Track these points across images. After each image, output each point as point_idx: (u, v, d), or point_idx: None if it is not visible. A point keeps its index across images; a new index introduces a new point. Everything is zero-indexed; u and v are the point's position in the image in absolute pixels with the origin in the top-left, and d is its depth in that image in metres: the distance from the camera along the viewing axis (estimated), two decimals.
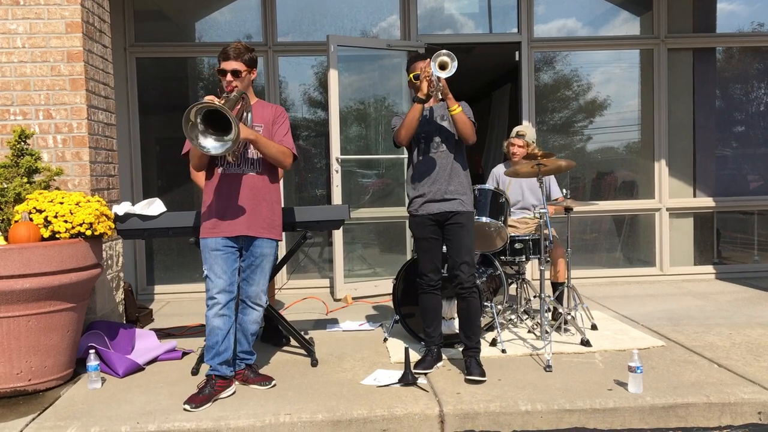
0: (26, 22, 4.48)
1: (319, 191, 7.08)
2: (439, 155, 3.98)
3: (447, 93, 3.80)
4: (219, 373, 3.65)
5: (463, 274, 3.91)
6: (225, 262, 3.64)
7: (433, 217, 3.97)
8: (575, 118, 7.32)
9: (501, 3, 7.03)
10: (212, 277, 3.62)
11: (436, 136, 4.00)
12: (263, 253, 3.75)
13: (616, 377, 3.77)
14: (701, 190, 7.22)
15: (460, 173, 4.00)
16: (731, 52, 7.38)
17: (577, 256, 6.75)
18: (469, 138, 3.89)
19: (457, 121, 3.84)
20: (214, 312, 3.63)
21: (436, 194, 3.94)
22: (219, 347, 3.64)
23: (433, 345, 4.08)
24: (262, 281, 3.79)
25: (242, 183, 3.66)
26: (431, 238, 4.00)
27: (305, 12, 6.86)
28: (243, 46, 3.67)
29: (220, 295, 3.63)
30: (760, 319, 5.12)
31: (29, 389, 3.71)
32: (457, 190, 3.95)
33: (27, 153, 4.19)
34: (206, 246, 3.64)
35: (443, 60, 3.68)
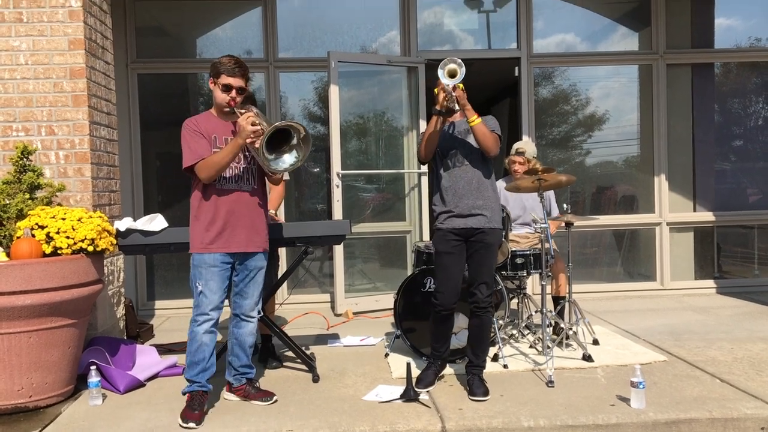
0: (29, 39, 4.51)
1: (319, 206, 7.09)
2: (465, 170, 3.90)
3: (465, 103, 3.74)
4: (206, 389, 3.65)
5: (480, 293, 3.86)
6: (221, 279, 3.63)
7: (457, 232, 3.88)
8: (575, 132, 7.35)
9: (500, 19, 7.08)
10: (207, 293, 3.60)
11: (461, 151, 3.92)
12: (257, 266, 3.76)
13: (619, 392, 3.76)
14: (701, 204, 7.23)
15: (488, 188, 3.91)
16: (729, 67, 7.42)
17: (577, 270, 6.75)
18: (491, 150, 3.82)
19: (477, 132, 3.77)
20: (204, 328, 3.61)
21: (463, 210, 3.86)
22: (206, 363, 3.63)
23: (438, 360, 4.06)
24: (256, 294, 3.79)
25: (240, 199, 3.66)
26: (453, 252, 3.87)
27: (306, 28, 6.90)
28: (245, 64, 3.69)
29: (214, 312, 3.62)
30: (762, 333, 5.12)
31: (30, 406, 3.70)
32: (484, 204, 3.87)
33: (29, 169, 4.21)
34: (203, 262, 3.61)
35: (451, 68, 3.67)
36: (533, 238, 5.30)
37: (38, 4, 4.50)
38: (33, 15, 4.50)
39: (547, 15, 7.07)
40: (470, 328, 3.98)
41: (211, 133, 3.61)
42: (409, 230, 6.92)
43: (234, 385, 3.85)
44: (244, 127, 3.45)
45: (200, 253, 3.62)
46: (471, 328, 3.97)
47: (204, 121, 3.66)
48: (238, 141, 3.48)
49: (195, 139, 3.58)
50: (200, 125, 3.62)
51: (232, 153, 3.51)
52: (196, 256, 3.64)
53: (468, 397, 3.79)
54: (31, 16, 4.50)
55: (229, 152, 3.51)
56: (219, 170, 3.54)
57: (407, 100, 6.85)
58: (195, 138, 3.58)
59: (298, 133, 3.48)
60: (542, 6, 7.03)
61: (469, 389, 3.82)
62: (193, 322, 3.63)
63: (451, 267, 3.90)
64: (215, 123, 3.67)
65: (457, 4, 7.07)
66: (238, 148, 3.51)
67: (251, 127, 3.45)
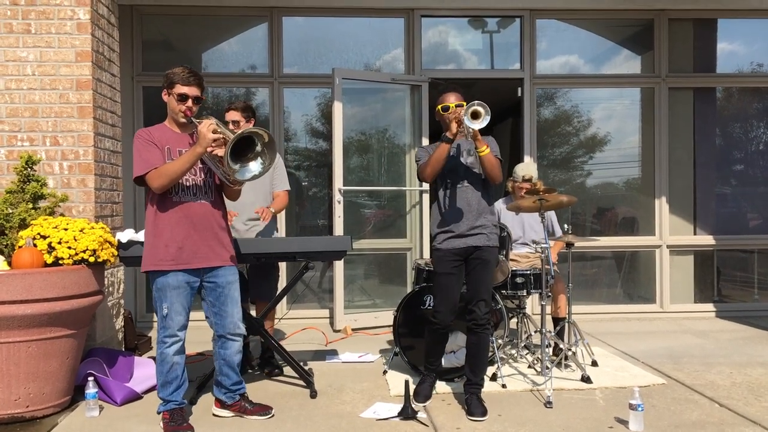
0: (37, 50, 4.54)
1: (320, 221, 7.10)
2: (465, 191, 3.94)
3: (477, 134, 3.75)
4: (183, 405, 3.64)
5: (479, 311, 3.86)
6: (185, 299, 3.56)
7: (456, 251, 3.90)
8: (576, 153, 7.38)
9: (504, 40, 7.14)
10: (173, 315, 3.52)
11: (463, 173, 3.96)
12: (228, 281, 3.66)
13: (617, 414, 3.75)
14: (701, 227, 7.24)
15: (486, 209, 3.96)
16: (731, 91, 7.47)
17: (577, 291, 6.74)
18: (497, 178, 3.87)
19: (485, 162, 3.81)
20: (174, 349, 3.56)
21: (463, 230, 3.89)
22: (180, 381, 3.61)
23: (433, 374, 4.09)
24: (235, 311, 3.69)
25: (201, 211, 3.57)
26: (452, 273, 3.90)
27: (311, 45, 6.95)
28: (200, 74, 3.67)
29: (181, 332, 3.58)
30: (761, 358, 5.11)
31: (27, 416, 3.69)
32: (483, 225, 3.91)
33: (33, 179, 4.23)
34: (167, 284, 3.50)
35: (476, 110, 3.65)
36: (534, 258, 5.30)
37: (47, 15, 4.54)
38: (41, 26, 4.54)
39: (550, 36, 7.13)
40: (468, 346, 3.98)
41: (165, 144, 3.53)
42: (410, 247, 6.92)
43: (227, 403, 3.80)
44: (204, 135, 3.36)
45: (163, 274, 3.51)
46: (469, 346, 3.97)
47: (157, 131, 3.58)
48: (197, 150, 3.39)
49: (147, 148, 3.49)
50: (153, 135, 3.54)
51: (189, 162, 3.41)
52: (159, 280, 3.52)
53: (466, 416, 3.78)
54: (39, 27, 4.54)
55: (186, 161, 3.41)
56: (173, 180, 3.42)
57: (410, 118, 6.89)
58: (147, 147, 3.49)
59: (261, 139, 3.35)
60: (546, 27, 7.09)
61: (467, 408, 3.81)
62: (161, 343, 3.55)
63: (450, 287, 3.92)
64: (169, 134, 3.59)
65: (462, 24, 7.13)
66: (196, 157, 3.41)
67: (212, 134, 3.37)
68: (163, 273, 3.51)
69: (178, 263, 3.50)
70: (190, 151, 3.43)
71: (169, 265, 3.50)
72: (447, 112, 3.89)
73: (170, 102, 3.60)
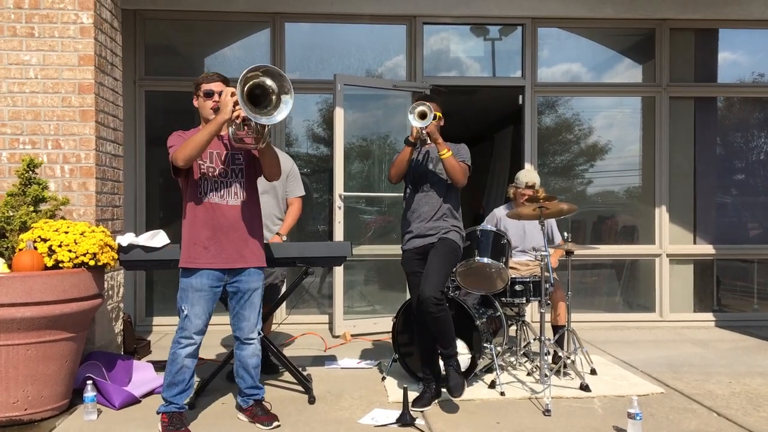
0: (40, 54, 4.56)
1: (320, 227, 7.11)
2: (429, 196, 4.12)
3: (436, 138, 3.94)
4: (183, 410, 3.66)
5: (424, 291, 3.85)
6: (207, 303, 3.61)
7: (418, 251, 4.10)
8: (577, 161, 7.39)
9: (505, 47, 7.16)
10: (192, 317, 3.57)
11: (428, 178, 4.15)
12: (251, 287, 3.72)
13: (615, 423, 3.75)
14: (701, 237, 7.25)
15: (448, 214, 4.11)
16: (732, 101, 7.48)
17: (576, 299, 6.74)
18: (459, 182, 4.03)
19: (446, 164, 3.98)
20: (187, 351, 3.59)
21: (422, 231, 4.09)
22: (185, 385, 3.62)
23: (432, 382, 4.11)
24: (253, 316, 3.75)
25: (229, 213, 3.64)
26: (417, 272, 4.07)
27: (313, 50, 6.97)
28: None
29: (198, 336, 3.61)
30: (760, 368, 5.10)
31: (25, 419, 3.69)
32: (439, 226, 4.07)
33: (34, 182, 4.23)
34: (190, 286, 3.58)
35: (421, 110, 3.88)
36: (533, 266, 5.31)
37: (50, 19, 4.56)
38: (44, 30, 4.56)
39: (552, 45, 7.15)
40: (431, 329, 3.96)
41: None
42: None
43: (242, 407, 3.83)
44: (224, 101, 3.43)
45: (188, 275, 3.59)
46: (432, 329, 3.95)
47: (191, 133, 3.67)
48: (218, 117, 3.44)
49: (178, 141, 3.60)
50: (186, 134, 3.66)
51: (210, 132, 3.45)
52: (183, 280, 3.62)
53: (450, 397, 3.92)
54: (42, 31, 4.56)
55: (207, 130, 3.46)
56: (196, 148, 3.45)
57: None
58: (179, 141, 3.60)
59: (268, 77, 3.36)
60: (547, 36, 7.11)
61: (447, 381, 3.94)
62: (176, 343, 3.59)
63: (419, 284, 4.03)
64: None
65: (464, 31, 7.16)
66: (218, 125, 3.44)
67: (231, 98, 3.41)
68: (189, 273, 3.60)
69: (204, 262, 3.58)
70: (212, 120, 3.49)
71: (198, 264, 3.58)
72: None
73: (200, 104, 3.73)
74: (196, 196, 3.63)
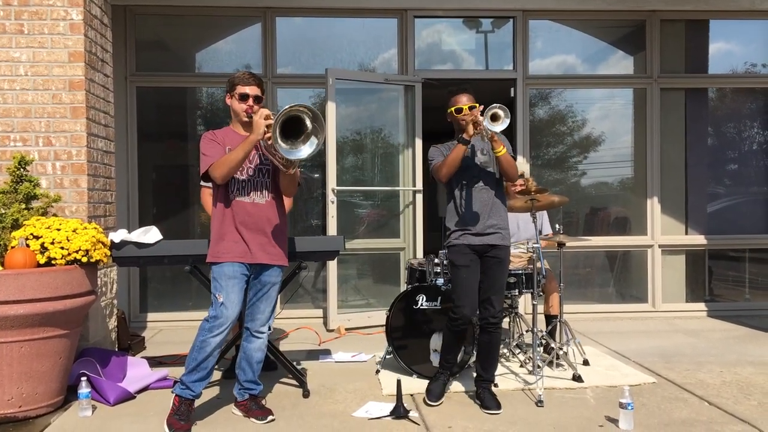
0: (30, 51, 4.55)
1: (314, 221, 7.11)
2: (481, 191, 3.99)
3: (494, 136, 3.79)
4: (196, 398, 3.63)
5: (493, 308, 3.90)
6: (240, 292, 3.63)
7: (473, 247, 3.96)
8: (569, 153, 7.41)
9: (497, 40, 7.16)
10: (228, 305, 3.56)
11: (478, 172, 4.01)
12: (272, 281, 3.77)
13: (608, 413, 3.78)
14: (693, 227, 7.28)
15: (501, 208, 4.02)
16: (723, 92, 7.51)
17: (569, 291, 6.78)
18: (513, 177, 3.98)
19: (503, 162, 3.87)
20: (218, 341, 3.54)
21: (479, 229, 3.94)
22: (207, 372, 3.60)
23: (448, 371, 4.09)
24: (268, 310, 3.80)
25: (255, 211, 3.67)
26: (470, 266, 3.93)
27: (305, 45, 6.97)
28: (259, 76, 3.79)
29: (230, 326, 3.59)
30: (751, 357, 5.15)
31: (19, 416, 3.70)
32: (498, 224, 3.97)
33: (26, 179, 4.23)
34: (222, 273, 3.60)
35: (496, 113, 3.71)
36: (526, 258, 5.33)
37: (40, 16, 4.55)
38: (34, 27, 4.55)
39: (543, 37, 7.16)
40: (480, 344, 4.02)
41: (227, 145, 3.64)
42: (403, 247, 6.94)
43: (238, 400, 3.84)
44: (258, 122, 3.47)
45: (220, 262, 3.62)
46: (481, 345, 4.00)
47: (221, 133, 3.72)
48: (251, 137, 3.48)
49: (210, 146, 3.63)
50: (217, 136, 3.68)
51: (244, 150, 3.51)
52: (215, 268, 3.64)
53: (481, 410, 3.85)
54: (32, 28, 4.54)
55: (242, 149, 3.51)
56: (231, 168, 3.53)
57: (404, 118, 6.91)
58: (210, 145, 3.63)
59: (306, 114, 3.41)
60: (539, 28, 7.12)
61: (482, 403, 3.90)
62: (207, 331, 3.54)
63: (470, 280, 3.94)
64: (233, 136, 3.70)
65: (456, 24, 7.15)
66: (251, 144, 3.50)
67: (264, 121, 3.46)
68: (220, 263, 3.62)
69: (234, 257, 3.61)
70: (246, 140, 3.53)
71: (225, 258, 3.61)
72: (460, 114, 3.92)
73: (233, 104, 3.73)
74: (226, 195, 3.66)
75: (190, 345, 3.61)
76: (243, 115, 3.69)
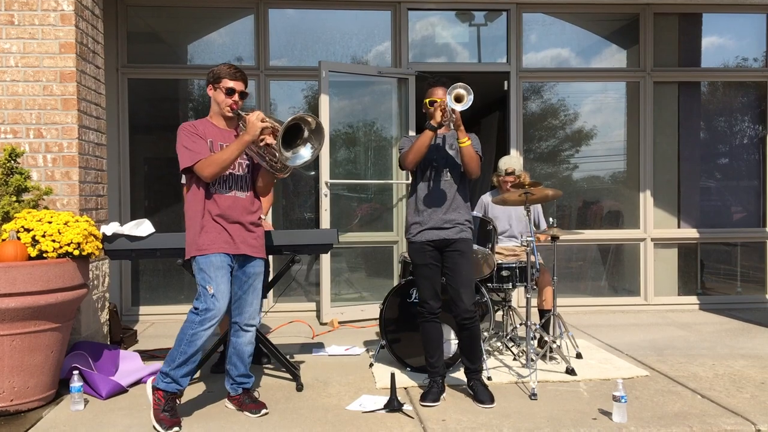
0: (20, 42, 4.50)
1: (307, 215, 7.09)
2: (444, 184, 3.99)
3: (459, 124, 3.80)
4: (181, 394, 3.59)
5: (463, 304, 3.88)
6: (228, 282, 3.60)
7: (432, 244, 3.96)
8: (562, 147, 7.41)
9: (491, 33, 7.14)
10: (219, 296, 3.51)
11: (444, 165, 4.01)
12: (256, 272, 3.76)
13: (601, 406, 3.79)
14: (685, 221, 7.31)
15: (461, 205, 4.01)
16: (716, 85, 7.52)
17: (562, 284, 6.79)
18: (474, 172, 3.92)
19: (465, 154, 3.86)
20: (209, 333, 3.51)
21: (436, 222, 3.95)
22: (194, 365, 3.56)
23: (438, 375, 4.01)
24: (255, 301, 3.79)
25: (237, 204, 3.65)
26: (431, 264, 3.97)
27: (298, 37, 6.93)
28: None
29: (220, 317, 3.55)
30: (743, 350, 5.17)
31: (11, 410, 3.67)
32: (456, 219, 3.97)
33: (17, 172, 4.19)
34: (210, 264, 3.54)
35: (459, 93, 3.70)
36: (519, 251, 5.33)
37: (30, 7, 4.50)
38: (24, 18, 4.50)
39: (537, 30, 7.15)
40: (461, 339, 4.01)
41: (207, 138, 3.61)
42: (396, 240, 6.94)
43: (231, 394, 3.83)
44: (253, 123, 3.47)
45: (206, 254, 3.56)
46: (462, 340, 4.00)
47: (201, 125, 3.66)
48: (245, 138, 3.49)
49: (192, 139, 3.57)
50: (197, 128, 3.62)
51: (237, 150, 3.51)
52: (201, 260, 3.56)
53: (474, 403, 3.85)
54: (22, 18, 4.50)
55: (235, 149, 3.51)
56: (223, 168, 3.52)
57: (397, 111, 6.89)
58: (192, 138, 3.57)
59: (308, 125, 3.48)
60: (532, 22, 7.11)
61: (474, 395, 3.90)
62: (197, 324, 3.48)
63: (432, 275, 3.98)
64: (212, 129, 3.67)
65: (449, 17, 7.13)
66: (244, 144, 3.51)
67: (261, 123, 3.47)
68: (207, 254, 3.57)
69: (218, 247, 3.58)
70: (238, 140, 3.53)
71: (210, 249, 3.57)
72: (433, 107, 3.89)
73: (216, 96, 3.68)
74: (207, 188, 3.61)
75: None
76: (227, 110, 3.65)
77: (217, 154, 3.53)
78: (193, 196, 3.63)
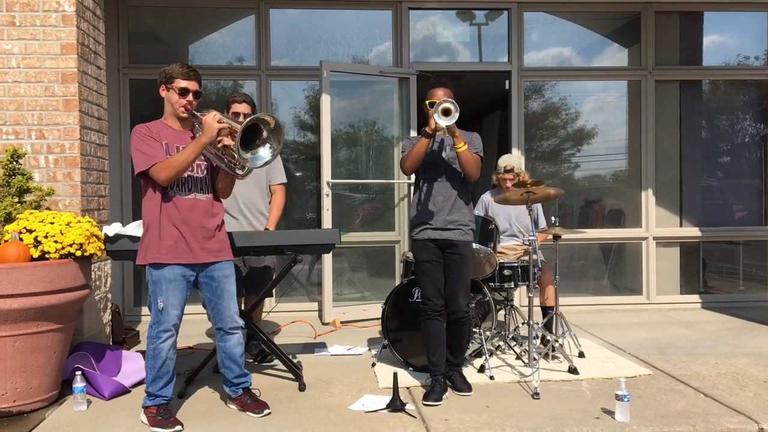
0: (21, 43, 4.50)
1: (309, 215, 7.09)
2: (444, 186, 4.04)
3: (454, 131, 3.82)
4: (169, 401, 3.62)
5: (459, 304, 4.00)
6: (181, 293, 3.55)
7: (434, 242, 4.03)
8: (564, 146, 7.41)
9: (492, 33, 7.14)
10: (169, 309, 3.50)
11: (444, 167, 4.06)
12: (224, 275, 3.67)
13: (604, 405, 3.78)
14: (687, 219, 7.30)
15: (462, 207, 4.06)
16: (717, 84, 7.51)
17: (564, 283, 6.77)
18: (472, 176, 3.98)
19: (462, 158, 3.91)
20: (169, 344, 3.54)
21: (438, 223, 4.02)
22: (170, 376, 3.60)
23: (440, 374, 4.01)
24: (232, 304, 3.70)
25: (197, 207, 3.57)
26: (433, 260, 4.03)
27: (299, 37, 6.93)
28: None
29: (176, 326, 3.56)
30: (746, 349, 5.16)
31: (14, 410, 3.68)
32: (459, 220, 4.02)
33: (19, 173, 4.20)
34: (161, 277, 3.50)
35: (446, 107, 3.75)
36: (521, 250, 5.33)
37: (31, 8, 4.50)
38: (26, 19, 4.50)
39: (538, 30, 7.14)
40: (450, 336, 4.08)
41: (163, 140, 3.53)
42: (398, 240, 6.94)
43: (232, 396, 3.81)
44: (210, 124, 3.38)
45: (159, 267, 3.50)
46: (451, 336, 4.07)
47: (155, 127, 3.58)
48: (202, 140, 3.40)
49: (147, 142, 3.48)
50: (152, 131, 3.54)
51: (194, 153, 3.42)
52: (154, 272, 3.52)
53: (452, 391, 3.96)
54: (24, 19, 4.50)
55: (192, 152, 3.42)
56: (179, 171, 3.44)
57: (398, 110, 6.89)
58: (147, 141, 3.49)
59: (267, 125, 3.39)
60: (533, 21, 7.10)
61: (453, 385, 4.04)
62: (155, 338, 3.52)
63: (434, 273, 4.04)
64: (167, 130, 3.59)
65: (450, 16, 7.13)
66: (201, 147, 3.43)
67: (218, 124, 3.39)
68: (159, 266, 3.51)
69: (175, 257, 3.51)
70: (195, 142, 3.45)
71: (165, 258, 3.50)
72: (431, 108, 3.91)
73: (170, 97, 3.61)
74: (165, 192, 3.52)
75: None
76: (181, 111, 3.58)
77: (173, 157, 3.44)
78: (150, 201, 3.54)
